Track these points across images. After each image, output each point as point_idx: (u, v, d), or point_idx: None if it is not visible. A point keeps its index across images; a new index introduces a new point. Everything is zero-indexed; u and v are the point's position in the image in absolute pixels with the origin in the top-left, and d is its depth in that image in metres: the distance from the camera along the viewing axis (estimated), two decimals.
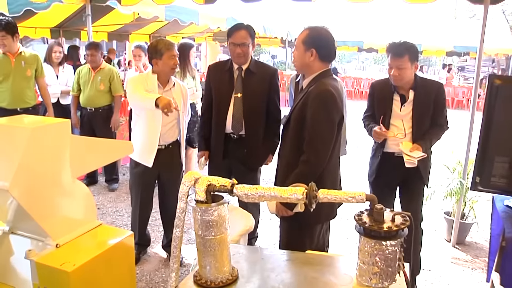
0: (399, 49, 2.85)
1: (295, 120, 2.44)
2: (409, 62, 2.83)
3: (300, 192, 1.45)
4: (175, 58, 3.17)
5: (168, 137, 3.31)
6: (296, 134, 2.43)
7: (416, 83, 2.95)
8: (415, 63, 2.89)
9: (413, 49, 2.87)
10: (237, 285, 1.60)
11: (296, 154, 2.41)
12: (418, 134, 2.97)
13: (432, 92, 2.95)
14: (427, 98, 2.94)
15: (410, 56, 2.83)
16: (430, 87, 2.98)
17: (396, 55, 2.85)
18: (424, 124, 2.98)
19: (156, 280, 3.32)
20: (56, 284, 1.92)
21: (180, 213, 1.55)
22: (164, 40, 3.22)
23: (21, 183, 1.86)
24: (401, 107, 3.00)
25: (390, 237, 1.36)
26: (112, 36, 10.54)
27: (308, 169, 2.33)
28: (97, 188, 5.48)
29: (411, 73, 2.89)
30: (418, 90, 2.95)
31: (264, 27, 9.34)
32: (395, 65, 2.86)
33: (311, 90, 2.36)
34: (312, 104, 2.32)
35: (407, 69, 2.84)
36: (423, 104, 2.94)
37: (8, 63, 4.31)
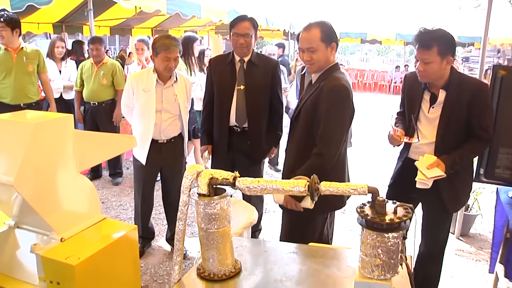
0: (426, 39, 2.36)
1: (306, 114, 2.43)
2: (438, 56, 2.33)
3: (302, 184, 1.45)
4: (170, 60, 3.11)
5: (169, 132, 3.32)
6: (306, 128, 2.43)
7: (450, 81, 2.43)
8: (448, 57, 2.35)
9: (444, 40, 2.35)
10: (240, 277, 1.61)
11: (304, 148, 2.42)
12: (443, 146, 2.46)
13: (467, 93, 2.39)
14: (460, 100, 2.40)
15: (440, 48, 2.32)
16: (466, 86, 2.40)
17: (421, 47, 2.37)
18: (454, 133, 2.44)
19: (160, 273, 3.35)
20: (62, 277, 1.94)
21: (182, 206, 1.56)
22: (165, 40, 3.15)
23: (26, 178, 1.87)
24: (429, 108, 2.51)
25: (392, 229, 1.36)
26: (114, 31, 10.53)
27: (320, 162, 2.34)
28: (101, 182, 5.51)
29: (441, 69, 2.37)
30: (451, 90, 2.42)
31: (267, 20, 9.29)
32: (420, 58, 2.39)
33: (324, 85, 2.35)
34: (326, 98, 2.32)
35: (434, 63, 2.35)
36: (454, 107, 2.41)
37: (10, 58, 4.32)
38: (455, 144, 2.42)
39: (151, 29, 11.41)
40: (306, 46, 2.36)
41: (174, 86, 3.27)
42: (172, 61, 3.13)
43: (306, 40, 2.38)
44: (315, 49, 2.35)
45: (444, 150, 2.42)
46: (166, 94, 3.24)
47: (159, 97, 3.22)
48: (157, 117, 3.23)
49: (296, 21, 11.20)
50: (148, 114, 3.22)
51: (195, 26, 12.74)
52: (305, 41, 2.38)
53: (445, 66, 2.37)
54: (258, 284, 1.57)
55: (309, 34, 2.36)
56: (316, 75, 2.46)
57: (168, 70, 3.16)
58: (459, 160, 2.40)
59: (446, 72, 2.41)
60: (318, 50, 2.35)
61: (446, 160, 2.37)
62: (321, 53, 2.36)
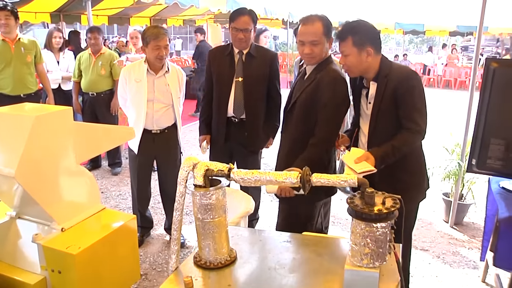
0: (342, 30, 2.29)
1: (302, 106, 2.46)
2: (354, 47, 2.23)
3: (295, 176, 1.51)
4: (160, 49, 3.15)
5: (162, 122, 3.36)
6: (302, 119, 2.47)
7: (379, 73, 2.30)
8: (367, 48, 2.23)
9: (359, 30, 2.25)
10: (235, 265, 1.67)
11: (300, 139, 2.48)
12: (375, 139, 2.35)
13: (392, 83, 2.26)
14: (386, 91, 2.28)
15: (355, 39, 2.22)
16: (392, 76, 2.27)
17: (338, 39, 2.30)
18: (383, 125, 2.33)
19: (159, 261, 3.41)
20: (63, 266, 2.00)
21: (179, 197, 1.61)
22: (154, 29, 3.21)
23: (26, 170, 1.92)
24: (367, 104, 2.40)
25: (381, 219, 1.41)
26: (112, 20, 10.50)
27: (319, 153, 2.42)
28: (101, 172, 5.56)
29: (361, 61, 2.26)
30: (380, 82, 2.30)
31: (265, 9, 9.28)
32: (340, 51, 2.32)
33: (322, 76, 2.41)
34: (325, 89, 2.38)
35: (351, 55, 2.25)
36: (382, 99, 2.29)
37: (8, 49, 4.34)
38: (386, 137, 2.28)
39: (149, 18, 11.37)
40: (310, 39, 2.39)
41: (166, 76, 3.31)
42: (163, 49, 3.17)
43: (310, 33, 2.39)
44: (318, 42, 2.39)
45: (376, 144, 2.31)
46: (158, 84, 3.29)
47: (151, 86, 3.26)
48: (148, 106, 3.27)
49: (295, 10, 11.15)
50: (140, 104, 3.27)
51: (194, 15, 12.71)
52: (309, 34, 2.40)
53: (366, 59, 2.26)
54: (253, 272, 1.63)
55: (313, 28, 2.39)
56: (312, 67, 2.50)
57: (160, 58, 3.19)
58: (391, 152, 2.23)
59: (372, 64, 2.29)
60: (320, 43, 2.40)
61: (376, 152, 2.23)
62: (322, 47, 2.42)
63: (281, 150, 2.64)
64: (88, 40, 5.07)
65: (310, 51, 2.40)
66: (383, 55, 2.34)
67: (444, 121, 3.03)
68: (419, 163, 2.47)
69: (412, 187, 2.43)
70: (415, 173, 2.45)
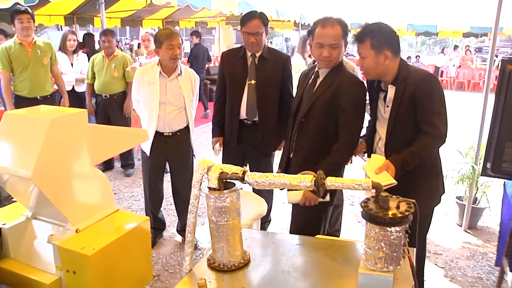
0: (360, 32, 2.29)
1: (322, 111, 2.45)
2: (371, 49, 2.23)
3: (309, 179, 1.51)
4: (174, 48, 3.18)
5: (174, 125, 3.38)
6: (322, 125, 2.46)
7: (398, 76, 2.29)
8: (384, 52, 2.22)
9: (378, 33, 2.24)
10: (249, 268, 1.67)
11: (320, 145, 2.48)
12: (393, 143, 2.32)
13: (410, 87, 2.23)
14: (404, 94, 2.25)
15: (373, 41, 2.22)
16: (411, 80, 2.24)
17: (356, 40, 2.31)
18: (401, 129, 2.30)
19: (171, 263, 3.43)
20: (77, 266, 2.02)
21: (194, 199, 1.62)
22: (167, 30, 3.26)
23: (42, 172, 1.94)
24: (385, 107, 2.38)
25: (395, 223, 1.41)
26: (125, 22, 10.58)
27: (344, 158, 2.45)
28: (113, 173, 5.60)
29: (378, 64, 2.25)
30: (398, 85, 2.28)
31: (277, 11, 9.27)
32: (358, 53, 2.31)
33: (341, 81, 2.41)
34: (347, 94, 2.38)
35: (368, 58, 2.25)
36: (400, 102, 2.27)
37: (26, 53, 4.41)
38: (404, 141, 2.26)
39: (162, 20, 11.44)
40: (330, 42, 2.37)
41: (178, 78, 3.33)
42: (176, 48, 3.20)
43: (330, 36, 2.38)
44: (337, 45, 2.39)
45: (394, 149, 2.29)
46: (170, 87, 3.31)
47: (163, 89, 3.29)
48: (161, 109, 3.30)
49: (306, 12, 11.13)
50: (152, 106, 3.29)
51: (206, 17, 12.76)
52: (329, 37, 2.38)
53: (383, 62, 2.24)
54: (266, 275, 1.63)
55: (333, 31, 2.38)
56: (325, 70, 2.49)
57: (174, 58, 3.21)
58: (410, 159, 2.21)
59: (389, 67, 2.27)
60: (339, 47, 2.40)
61: (396, 160, 2.21)
62: (340, 50, 2.42)
63: (295, 155, 2.60)
64: (101, 43, 5.13)
65: (329, 54, 2.38)
66: (401, 58, 2.32)
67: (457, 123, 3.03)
68: (436, 167, 2.45)
69: (428, 191, 2.40)
70: (431, 177, 2.42)
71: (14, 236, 2.23)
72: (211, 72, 12.04)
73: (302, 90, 2.61)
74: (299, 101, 2.59)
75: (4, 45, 4.43)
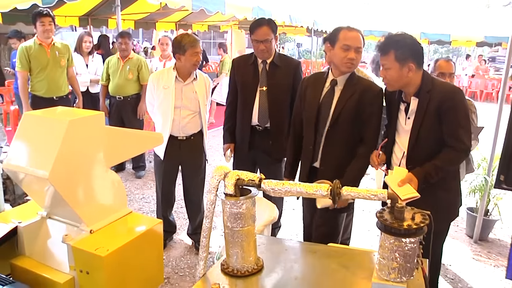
0: (384, 43, 2.28)
1: (349, 119, 2.50)
2: (395, 61, 2.21)
3: (325, 188, 1.52)
4: (198, 55, 3.24)
5: (188, 129, 3.41)
6: (351, 132, 2.53)
7: (421, 88, 2.27)
8: (408, 64, 2.21)
9: (402, 45, 2.22)
10: (262, 274, 1.68)
11: (350, 152, 2.54)
12: (415, 156, 2.31)
13: (435, 100, 2.23)
14: (429, 107, 2.24)
15: (397, 53, 2.20)
16: (436, 92, 2.24)
17: (380, 52, 2.29)
18: (424, 142, 2.29)
19: (181, 266, 3.44)
20: (91, 267, 2.04)
21: (210, 205, 1.64)
22: (189, 37, 3.29)
23: (59, 172, 1.97)
24: (406, 119, 2.36)
25: (410, 234, 1.41)
26: (138, 24, 10.68)
27: (368, 162, 2.54)
28: (124, 175, 5.64)
29: (401, 76, 2.23)
30: (421, 97, 2.27)
31: (290, 16, 9.31)
32: (381, 64, 2.30)
33: (365, 88, 2.50)
34: (373, 101, 2.48)
35: (392, 69, 2.23)
36: (424, 115, 2.26)
37: (44, 54, 4.49)
38: (427, 153, 2.26)
39: (175, 23, 11.53)
40: (357, 45, 2.44)
41: (193, 83, 3.37)
42: (199, 55, 3.27)
43: (358, 39, 2.45)
44: (361, 50, 2.48)
45: (416, 161, 2.28)
46: (186, 91, 3.34)
47: (179, 93, 3.32)
48: (176, 113, 3.33)
49: (320, 18, 11.15)
50: (167, 110, 3.32)
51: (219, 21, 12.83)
52: (357, 40, 2.44)
53: (406, 74, 2.23)
54: (279, 281, 1.64)
55: (359, 35, 2.46)
56: (343, 78, 2.53)
57: (196, 64, 3.28)
58: (434, 172, 2.22)
59: (413, 79, 2.26)
60: (361, 51, 2.48)
61: (419, 173, 2.21)
62: (361, 56, 2.50)
63: (323, 164, 2.62)
64: (118, 45, 5.19)
65: (354, 57, 2.44)
66: (424, 70, 2.31)
67: None
68: (456, 180, 2.47)
69: (449, 204, 2.42)
70: (452, 190, 2.44)
71: (29, 235, 2.26)
72: None
73: (319, 99, 2.60)
74: (318, 110, 2.59)
75: (24, 44, 4.52)
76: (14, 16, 7.31)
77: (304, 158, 2.73)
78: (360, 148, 2.53)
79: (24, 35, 6.10)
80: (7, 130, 7.31)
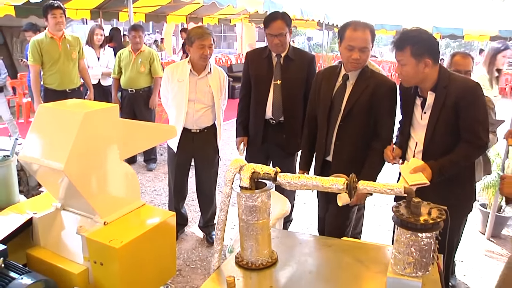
0: (399, 39, 2.24)
1: (363, 113, 2.52)
2: (411, 57, 2.18)
3: (341, 182, 1.51)
4: (204, 48, 3.20)
5: (201, 122, 3.41)
6: (365, 126, 2.55)
7: (438, 83, 2.25)
8: (425, 59, 2.18)
9: (418, 40, 2.19)
10: (276, 268, 1.68)
11: (364, 146, 2.57)
12: (431, 150, 2.31)
13: (453, 95, 2.20)
14: (446, 102, 2.23)
15: (413, 49, 2.17)
16: (453, 87, 2.21)
17: (395, 48, 2.26)
18: (441, 137, 2.28)
19: (193, 258, 3.46)
20: (105, 258, 2.05)
21: (225, 198, 1.64)
22: (199, 29, 3.28)
23: (74, 164, 1.98)
24: (422, 114, 2.36)
25: (426, 229, 1.41)
26: (149, 17, 10.70)
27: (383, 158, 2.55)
28: (136, 167, 5.67)
29: (418, 72, 2.21)
30: (438, 92, 2.25)
31: (302, 10, 9.27)
32: (397, 60, 2.28)
33: (379, 83, 2.52)
34: (387, 95, 2.50)
35: (408, 65, 2.21)
36: (442, 110, 2.24)
37: (56, 47, 4.52)
38: (443, 148, 2.26)
39: (186, 16, 11.54)
40: (361, 46, 2.43)
41: (208, 77, 3.35)
42: (207, 48, 3.21)
43: (362, 39, 2.43)
44: (367, 49, 2.45)
45: (432, 155, 2.28)
46: (200, 85, 3.33)
47: (193, 87, 3.31)
48: (189, 106, 3.33)
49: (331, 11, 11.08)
50: (181, 103, 3.32)
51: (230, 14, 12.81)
52: (360, 40, 2.43)
53: (423, 70, 2.21)
54: (293, 275, 1.64)
55: (364, 34, 2.44)
56: (355, 73, 2.53)
57: (204, 57, 3.24)
58: (449, 166, 2.22)
59: (429, 75, 2.24)
60: (368, 50, 2.46)
61: (434, 165, 2.21)
62: (369, 53, 2.47)
63: (336, 158, 2.64)
64: (132, 38, 5.20)
65: (358, 57, 2.43)
66: (441, 65, 2.29)
67: None
68: (471, 176, 2.45)
69: (464, 200, 2.41)
70: (466, 185, 2.43)
71: (44, 226, 2.28)
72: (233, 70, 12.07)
73: (331, 93, 2.61)
74: (330, 105, 2.60)
75: (35, 38, 4.54)
76: (27, 10, 7.38)
77: (318, 152, 2.75)
78: (375, 143, 2.54)
79: (39, 28, 6.14)
80: (19, 122, 7.39)
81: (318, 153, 2.75)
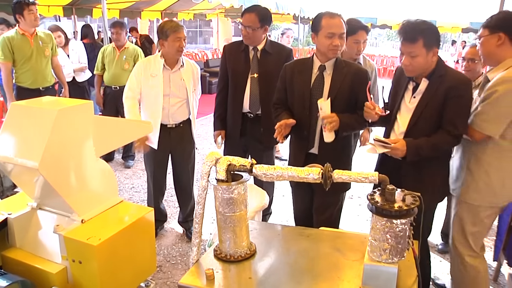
0: (411, 31, 2.28)
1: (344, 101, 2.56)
2: (423, 48, 2.25)
3: (316, 172, 1.53)
4: (180, 40, 3.19)
5: (177, 116, 3.39)
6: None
7: (434, 71, 2.34)
8: (434, 49, 2.28)
9: (429, 32, 2.27)
10: (255, 259, 1.70)
11: None
12: (413, 133, 2.38)
13: (445, 85, 2.29)
14: (438, 91, 2.31)
15: (425, 40, 2.24)
16: (447, 79, 2.30)
17: (406, 40, 2.29)
18: (425, 122, 2.36)
19: (173, 254, 3.46)
20: (84, 256, 2.03)
21: (202, 191, 1.64)
22: (172, 22, 3.26)
23: (49, 163, 1.95)
24: (411, 98, 2.43)
25: (401, 216, 1.44)
26: (123, 13, 10.54)
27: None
28: (113, 164, 5.60)
29: (427, 61, 2.29)
30: (433, 80, 2.33)
31: (277, 4, 9.28)
32: (406, 51, 2.31)
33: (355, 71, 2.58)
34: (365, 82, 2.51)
35: (420, 56, 2.27)
36: (432, 97, 2.32)
37: (28, 44, 4.41)
38: (424, 134, 2.34)
39: (161, 11, 11.41)
40: (341, 31, 2.50)
41: (181, 70, 3.34)
42: (182, 41, 3.21)
43: (341, 26, 2.51)
44: (344, 35, 2.54)
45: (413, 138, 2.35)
46: (174, 79, 3.31)
47: (167, 81, 3.29)
48: (165, 101, 3.30)
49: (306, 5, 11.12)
50: (156, 99, 3.29)
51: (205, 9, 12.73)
52: (340, 27, 2.51)
53: (431, 58, 2.30)
54: (272, 265, 1.66)
55: (341, 21, 2.52)
56: (330, 63, 2.58)
57: (180, 50, 3.23)
58: (425, 146, 2.30)
59: (430, 64, 2.33)
60: (345, 36, 2.54)
61: (411, 141, 2.30)
62: (344, 41, 2.55)
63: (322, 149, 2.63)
64: (111, 35, 5.11)
65: (339, 43, 2.49)
66: (439, 56, 2.37)
67: None
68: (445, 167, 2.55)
69: (435, 187, 2.47)
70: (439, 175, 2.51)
71: (20, 226, 2.24)
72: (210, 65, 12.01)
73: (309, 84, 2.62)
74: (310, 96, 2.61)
75: (5, 35, 4.41)
76: None
77: (298, 145, 2.71)
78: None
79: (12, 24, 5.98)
80: None
81: (298, 146, 2.71)
